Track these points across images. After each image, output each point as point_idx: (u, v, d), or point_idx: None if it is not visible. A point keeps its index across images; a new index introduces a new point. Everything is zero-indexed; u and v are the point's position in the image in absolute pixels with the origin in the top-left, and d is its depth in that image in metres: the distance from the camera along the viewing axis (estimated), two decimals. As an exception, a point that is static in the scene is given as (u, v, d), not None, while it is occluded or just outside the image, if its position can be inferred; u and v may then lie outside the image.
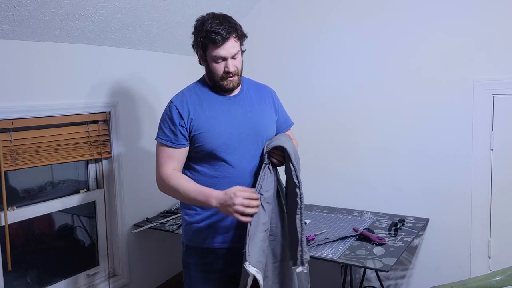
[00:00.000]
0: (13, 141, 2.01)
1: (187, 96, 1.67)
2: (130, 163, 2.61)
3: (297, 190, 1.57)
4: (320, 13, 2.81)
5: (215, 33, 1.56)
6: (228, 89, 1.66)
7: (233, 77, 1.63)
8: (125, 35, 2.40)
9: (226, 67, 1.60)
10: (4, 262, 1.99)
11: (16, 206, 2.11)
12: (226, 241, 1.68)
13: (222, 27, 1.57)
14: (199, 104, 1.65)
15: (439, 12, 2.42)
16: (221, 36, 1.56)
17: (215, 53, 1.59)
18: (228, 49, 1.58)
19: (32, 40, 2.03)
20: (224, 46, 1.57)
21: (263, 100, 1.78)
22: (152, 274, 2.80)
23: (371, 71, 2.67)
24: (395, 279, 2.69)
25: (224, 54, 1.59)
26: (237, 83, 1.67)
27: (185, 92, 1.69)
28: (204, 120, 1.63)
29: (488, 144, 2.35)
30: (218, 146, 1.62)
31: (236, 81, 1.65)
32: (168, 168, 1.62)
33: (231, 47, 1.59)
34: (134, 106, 2.62)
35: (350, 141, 2.77)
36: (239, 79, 1.68)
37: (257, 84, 1.84)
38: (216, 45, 1.57)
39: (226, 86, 1.64)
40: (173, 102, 1.66)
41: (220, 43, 1.57)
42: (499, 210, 2.36)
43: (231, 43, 1.59)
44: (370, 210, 2.69)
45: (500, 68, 2.29)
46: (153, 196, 2.77)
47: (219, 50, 1.58)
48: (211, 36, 1.56)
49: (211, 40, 1.57)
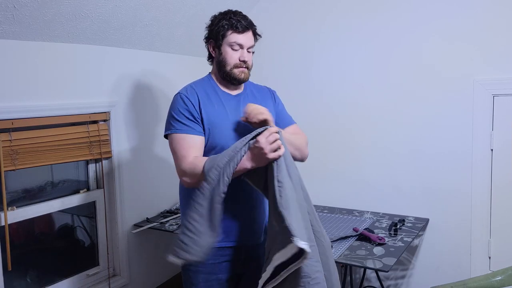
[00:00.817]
0: (13, 141, 2.01)
1: (196, 89, 1.67)
2: (130, 163, 2.61)
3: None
4: (320, 13, 2.81)
5: (239, 21, 1.64)
6: (238, 79, 1.67)
7: (246, 68, 1.67)
8: (125, 35, 2.40)
9: (242, 56, 1.65)
10: (4, 262, 1.99)
11: (16, 206, 2.10)
12: (231, 240, 1.66)
13: (246, 18, 1.67)
14: (207, 98, 1.66)
15: (439, 12, 2.42)
16: (244, 25, 1.64)
17: (234, 38, 1.64)
18: (247, 39, 1.66)
19: (32, 40, 2.03)
20: (244, 34, 1.65)
21: (265, 100, 1.80)
22: (152, 274, 2.80)
23: (371, 71, 2.67)
24: (395, 279, 2.69)
25: (243, 42, 1.64)
26: (247, 76, 1.70)
27: (193, 85, 1.70)
28: (213, 114, 1.63)
29: (488, 144, 2.35)
30: (225, 142, 1.61)
31: (246, 73, 1.69)
32: (191, 156, 1.56)
33: (249, 38, 1.67)
34: (134, 106, 2.62)
35: (350, 141, 2.77)
36: (249, 74, 1.71)
37: (257, 86, 1.86)
38: (238, 30, 1.63)
39: (238, 75, 1.66)
40: (182, 93, 1.65)
41: (241, 31, 1.64)
42: (499, 210, 2.36)
43: (249, 35, 1.67)
44: (370, 210, 2.70)
45: (500, 68, 2.29)
46: (153, 196, 2.77)
47: (239, 36, 1.64)
48: (233, 22, 1.63)
49: (233, 26, 1.63)
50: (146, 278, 2.76)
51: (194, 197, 1.45)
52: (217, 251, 1.65)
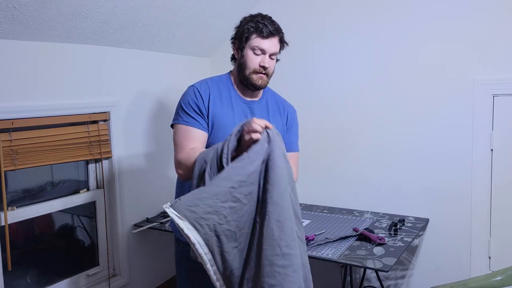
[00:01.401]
0: (13, 141, 2.01)
1: (210, 85, 1.65)
2: (130, 163, 2.61)
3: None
4: (320, 14, 2.81)
5: (265, 25, 1.60)
6: (255, 85, 1.64)
7: (265, 75, 1.64)
8: (125, 35, 2.40)
9: (263, 61, 1.62)
10: (4, 262, 1.99)
11: (16, 206, 2.10)
12: None
13: (273, 24, 1.63)
14: (219, 97, 1.64)
15: (439, 12, 2.42)
16: (269, 30, 1.61)
17: (257, 43, 1.61)
18: (271, 45, 1.62)
19: (32, 40, 2.03)
20: (269, 40, 1.61)
21: (278, 114, 1.75)
22: (152, 274, 2.80)
23: (371, 72, 2.67)
24: (395, 279, 2.69)
25: (265, 47, 1.61)
26: (265, 83, 1.66)
27: (208, 81, 1.68)
28: (220, 115, 1.61)
29: (488, 144, 2.35)
30: None
31: (265, 80, 1.65)
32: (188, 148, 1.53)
33: (273, 45, 1.63)
34: (134, 106, 2.62)
35: (350, 141, 2.77)
36: (268, 81, 1.68)
37: (279, 98, 1.82)
38: (262, 35, 1.60)
39: (256, 81, 1.63)
40: (196, 86, 1.64)
41: (266, 36, 1.60)
42: (499, 210, 2.36)
43: (274, 41, 1.63)
44: (370, 210, 2.69)
45: (500, 68, 2.29)
46: (153, 196, 2.77)
47: (262, 41, 1.61)
48: (259, 26, 1.60)
49: (259, 30, 1.60)
50: (146, 278, 2.76)
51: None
52: None
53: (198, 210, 1.22)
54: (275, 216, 1.27)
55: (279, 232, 1.26)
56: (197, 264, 1.31)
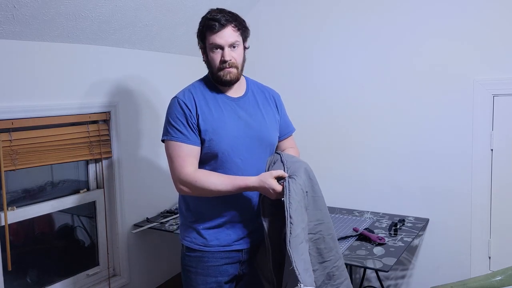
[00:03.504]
0: (13, 141, 2.01)
1: (193, 93, 1.62)
2: (130, 163, 2.61)
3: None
4: (319, 14, 2.81)
5: (213, 19, 1.55)
6: (227, 81, 1.60)
7: (230, 68, 1.58)
8: (125, 35, 2.40)
9: (222, 56, 1.56)
10: (4, 262, 1.99)
11: (16, 206, 2.10)
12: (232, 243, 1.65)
13: (221, 15, 1.56)
14: (205, 102, 1.62)
15: (439, 12, 2.42)
16: (219, 23, 1.54)
17: (212, 40, 1.56)
18: (225, 37, 1.55)
19: (32, 40, 2.03)
20: (221, 33, 1.55)
21: (267, 104, 1.75)
22: (152, 274, 2.80)
23: (371, 72, 2.67)
24: (395, 279, 2.69)
25: (220, 42, 1.55)
26: (235, 76, 1.60)
27: (191, 89, 1.65)
28: (211, 120, 1.59)
29: (488, 144, 2.35)
30: (226, 148, 1.59)
31: (234, 73, 1.59)
32: (190, 167, 1.56)
33: (228, 35, 1.56)
34: (134, 106, 2.62)
35: (350, 141, 2.77)
36: (239, 73, 1.62)
37: (262, 87, 1.80)
38: (213, 31, 1.55)
39: (223, 77, 1.58)
40: (179, 98, 1.61)
41: (217, 30, 1.54)
42: (499, 210, 2.36)
43: (229, 31, 1.56)
44: (370, 210, 2.70)
45: (500, 68, 2.29)
46: (153, 196, 2.77)
47: (215, 37, 1.55)
48: (208, 23, 1.56)
49: (209, 27, 1.55)
50: (146, 278, 2.76)
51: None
52: (218, 255, 1.65)
53: (311, 272, 1.46)
54: (325, 232, 1.60)
55: (333, 242, 1.61)
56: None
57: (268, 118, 1.72)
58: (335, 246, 1.62)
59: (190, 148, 1.58)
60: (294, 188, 1.46)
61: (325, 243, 1.58)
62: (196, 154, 1.59)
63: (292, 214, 1.43)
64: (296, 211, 1.44)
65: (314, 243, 1.56)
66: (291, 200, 1.44)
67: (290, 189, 1.46)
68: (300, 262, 1.39)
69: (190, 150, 1.58)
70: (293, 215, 1.43)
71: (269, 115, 1.73)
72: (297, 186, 1.47)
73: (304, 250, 1.45)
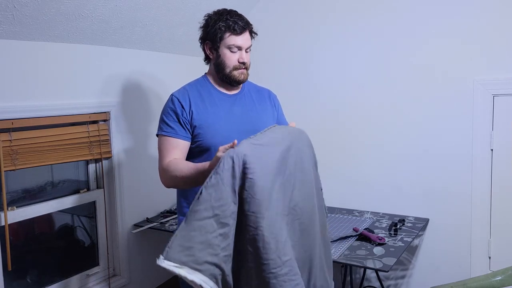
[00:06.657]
0: (13, 141, 2.01)
1: (189, 90, 1.68)
2: (130, 163, 2.61)
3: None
4: (320, 13, 2.81)
5: (236, 22, 1.62)
6: (238, 81, 1.68)
7: (245, 69, 1.67)
8: (125, 35, 2.40)
9: (241, 57, 1.65)
10: (4, 262, 1.99)
11: (16, 206, 2.10)
12: None
13: (242, 18, 1.66)
14: (201, 99, 1.66)
15: (439, 12, 2.42)
16: (241, 26, 1.63)
17: (233, 41, 1.63)
18: (246, 40, 1.65)
19: (32, 40, 2.03)
20: (243, 36, 1.64)
21: (263, 101, 1.79)
22: (152, 274, 2.80)
23: (371, 71, 2.67)
24: (395, 279, 2.69)
25: (241, 44, 1.64)
26: (246, 77, 1.70)
27: (186, 87, 1.71)
28: (205, 115, 1.63)
29: (488, 144, 2.35)
30: (219, 143, 1.60)
31: (245, 74, 1.69)
32: (169, 158, 1.60)
33: (247, 39, 1.66)
34: (134, 106, 2.62)
35: (350, 141, 2.77)
36: (248, 74, 1.71)
37: (258, 87, 1.85)
38: (236, 33, 1.62)
39: (238, 77, 1.66)
40: (174, 95, 1.67)
41: (239, 32, 1.63)
42: (499, 210, 2.36)
43: (247, 35, 1.66)
44: (370, 210, 2.70)
45: (500, 68, 2.29)
46: (153, 196, 2.77)
47: (237, 39, 1.63)
48: (231, 24, 1.61)
49: (231, 28, 1.62)
50: (146, 278, 2.76)
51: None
52: None
53: (193, 252, 1.21)
54: (267, 231, 1.22)
55: (275, 244, 1.23)
56: None
57: (264, 114, 1.76)
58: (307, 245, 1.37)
59: (176, 141, 1.62)
60: (224, 162, 1.24)
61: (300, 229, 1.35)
62: (182, 147, 1.63)
63: (205, 188, 1.22)
64: (212, 186, 1.22)
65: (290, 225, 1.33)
66: (213, 173, 1.24)
67: (221, 161, 1.25)
68: (182, 238, 1.22)
69: (176, 143, 1.62)
70: (205, 190, 1.22)
71: (265, 111, 1.77)
72: (227, 160, 1.24)
73: (204, 230, 1.20)
